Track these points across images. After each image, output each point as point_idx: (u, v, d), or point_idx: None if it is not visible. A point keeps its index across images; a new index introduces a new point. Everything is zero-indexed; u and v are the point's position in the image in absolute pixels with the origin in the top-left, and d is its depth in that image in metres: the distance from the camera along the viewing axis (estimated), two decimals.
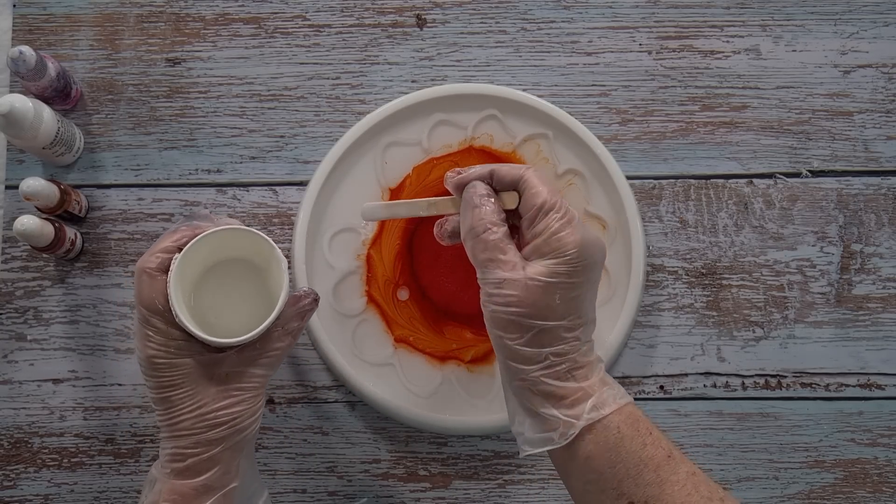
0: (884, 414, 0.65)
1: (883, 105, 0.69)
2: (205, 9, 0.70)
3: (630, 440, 0.45)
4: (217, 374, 0.49)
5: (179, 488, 0.48)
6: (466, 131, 0.66)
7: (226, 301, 0.52)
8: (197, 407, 0.48)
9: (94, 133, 0.69)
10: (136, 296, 0.48)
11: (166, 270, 0.48)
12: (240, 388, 0.49)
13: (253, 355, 0.50)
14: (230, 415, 0.48)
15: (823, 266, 0.67)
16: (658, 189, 0.68)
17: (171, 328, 0.48)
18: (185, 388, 0.48)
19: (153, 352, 0.48)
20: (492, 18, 0.70)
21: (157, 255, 0.48)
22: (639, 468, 0.45)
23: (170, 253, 0.49)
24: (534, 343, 0.46)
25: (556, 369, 0.46)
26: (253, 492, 0.53)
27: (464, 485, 0.65)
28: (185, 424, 0.48)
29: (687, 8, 0.70)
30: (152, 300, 0.48)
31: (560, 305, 0.46)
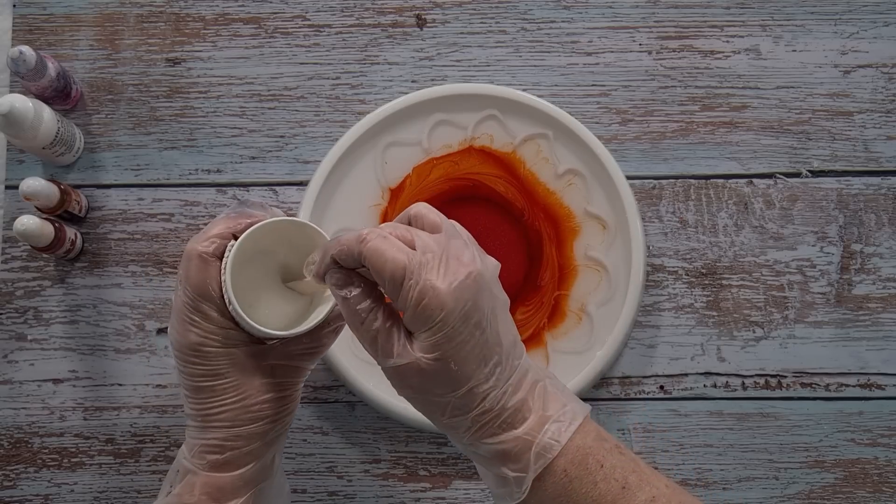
0: (884, 414, 0.65)
1: (883, 105, 0.69)
2: (205, 9, 0.70)
3: (579, 482, 0.43)
4: (262, 366, 0.47)
5: (217, 482, 0.46)
6: (466, 131, 0.66)
7: (264, 291, 0.50)
8: (241, 398, 0.46)
9: (94, 133, 0.69)
10: (184, 279, 0.46)
11: (220, 256, 0.46)
12: (283, 382, 0.48)
13: (299, 349, 0.48)
14: (274, 409, 0.47)
15: (823, 266, 0.67)
16: (658, 189, 0.68)
17: (221, 316, 0.46)
18: (229, 377, 0.46)
19: (199, 338, 0.46)
20: (492, 18, 0.70)
21: (213, 239, 0.46)
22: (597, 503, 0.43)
23: (224, 239, 0.47)
24: (455, 413, 0.44)
25: (486, 428, 0.44)
26: (281, 485, 0.52)
27: (464, 485, 0.65)
28: (226, 416, 0.46)
29: (687, 8, 0.70)
30: (205, 285, 0.46)
31: (458, 370, 0.42)
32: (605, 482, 0.43)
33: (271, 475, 0.49)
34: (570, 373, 0.63)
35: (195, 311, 0.46)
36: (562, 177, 0.66)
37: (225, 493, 0.46)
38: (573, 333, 0.65)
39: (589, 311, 0.64)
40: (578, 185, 0.66)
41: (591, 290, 0.65)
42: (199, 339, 0.46)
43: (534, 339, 0.65)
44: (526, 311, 0.65)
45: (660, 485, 0.44)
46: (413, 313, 0.42)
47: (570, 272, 0.65)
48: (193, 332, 0.46)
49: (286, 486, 0.53)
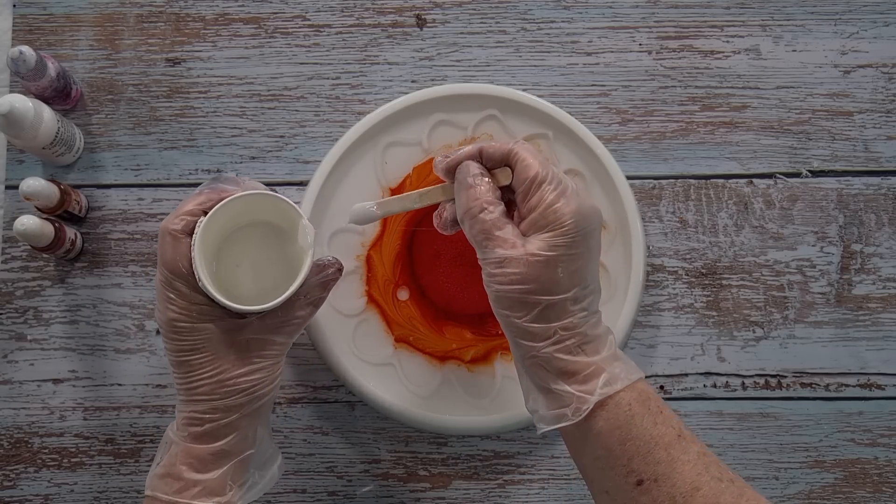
0: (884, 414, 0.65)
1: (883, 105, 0.69)
2: (205, 9, 0.70)
3: (641, 418, 0.45)
4: (238, 340, 0.48)
5: (196, 452, 0.48)
6: (466, 131, 0.66)
7: (248, 266, 0.52)
8: (217, 373, 0.48)
9: (94, 133, 0.69)
10: (159, 257, 0.47)
11: (191, 233, 0.48)
12: (260, 355, 0.49)
13: (274, 323, 0.49)
14: (250, 382, 0.48)
15: (823, 266, 0.67)
16: (658, 189, 0.68)
17: (193, 292, 0.47)
18: (205, 352, 0.48)
19: (175, 315, 0.47)
20: (492, 18, 0.70)
21: (182, 217, 0.48)
22: (649, 446, 0.44)
23: (195, 216, 0.48)
24: (541, 319, 0.46)
25: (567, 343, 0.46)
26: (268, 457, 0.53)
27: (464, 485, 0.65)
28: (203, 389, 0.48)
29: (687, 8, 0.70)
30: (176, 262, 0.47)
31: (563, 278, 0.45)
32: (664, 425, 0.45)
33: (254, 446, 0.50)
34: None
35: (170, 287, 0.47)
36: None
37: (205, 464, 0.48)
38: None
39: None
40: (578, 185, 0.66)
41: None
42: (175, 315, 0.47)
43: None
44: None
45: (705, 448, 0.46)
46: (543, 212, 0.45)
47: None
48: (170, 308, 0.47)
49: (278, 456, 0.54)
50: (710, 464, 0.44)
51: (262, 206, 0.49)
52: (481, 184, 0.47)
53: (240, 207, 0.49)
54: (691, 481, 0.43)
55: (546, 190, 0.46)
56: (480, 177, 0.48)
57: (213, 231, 0.49)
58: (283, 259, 0.52)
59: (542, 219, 0.46)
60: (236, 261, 0.51)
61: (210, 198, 0.49)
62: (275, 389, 0.50)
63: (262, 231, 0.52)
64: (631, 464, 0.44)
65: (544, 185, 0.46)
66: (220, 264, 0.51)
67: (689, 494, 0.43)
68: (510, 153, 0.47)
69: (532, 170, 0.46)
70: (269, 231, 0.52)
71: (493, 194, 0.47)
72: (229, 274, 0.51)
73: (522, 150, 0.47)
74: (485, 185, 0.48)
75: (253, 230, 0.52)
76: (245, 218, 0.51)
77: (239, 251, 0.51)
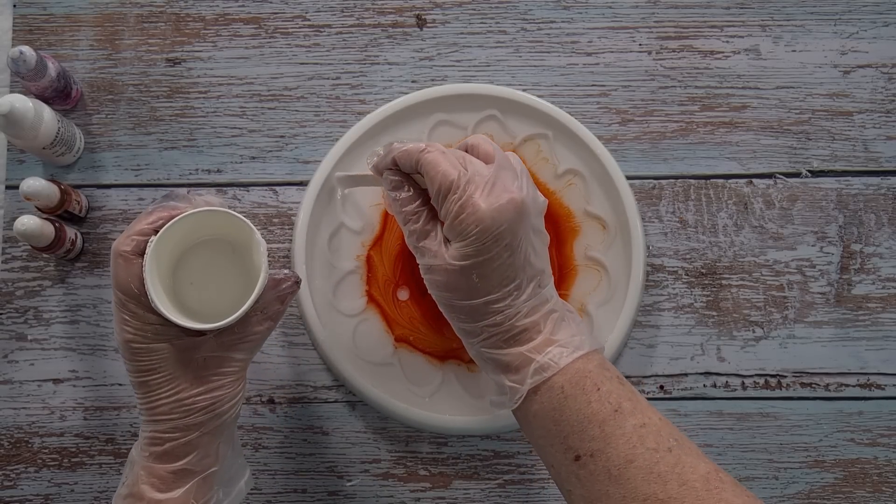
0: (884, 414, 0.65)
1: (883, 105, 0.69)
2: (205, 9, 0.70)
3: (574, 399, 0.46)
4: (195, 359, 0.48)
5: (158, 472, 0.48)
6: (466, 131, 0.66)
7: (206, 283, 0.51)
8: (174, 392, 0.48)
9: (95, 133, 0.69)
10: (112, 279, 0.47)
11: (142, 253, 0.47)
12: (218, 373, 0.49)
13: (232, 340, 0.49)
14: (208, 400, 0.48)
15: (823, 266, 0.67)
16: (658, 189, 0.68)
17: (147, 312, 0.47)
18: (162, 372, 0.48)
19: (130, 336, 0.47)
20: (492, 18, 0.70)
21: (133, 237, 0.47)
22: (583, 424, 0.46)
23: (145, 235, 0.47)
24: (469, 319, 0.48)
25: (494, 339, 0.48)
26: (234, 473, 0.53)
27: (464, 485, 0.65)
28: (162, 409, 0.48)
29: (687, 8, 0.70)
30: (128, 284, 0.47)
31: (479, 283, 0.47)
32: (598, 403, 0.46)
33: (217, 464, 0.50)
34: None
35: (123, 309, 0.47)
36: (562, 177, 0.66)
37: (167, 483, 0.48)
38: None
39: (589, 311, 0.65)
40: (578, 185, 0.66)
41: (591, 289, 0.65)
42: (130, 336, 0.47)
43: None
44: None
45: (652, 416, 0.47)
46: (451, 223, 0.47)
47: (569, 272, 0.65)
48: (125, 329, 0.47)
49: (245, 472, 0.54)
50: (647, 435, 0.45)
51: (215, 222, 0.49)
52: (401, 196, 0.50)
53: (192, 225, 0.48)
54: (625, 454, 0.45)
55: (451, 201, 0.47)
56: (399, 189, 0.50)
57: (165, 249, 0.48)
58: (240, 275, 0.51)
59: (451, 230, 0.47)
60: (192, 278, 0.51)
61: (160, 216, 0.48)
62: (237, 406, 0.50)
63: (218, 247, 0.52)
64: (567, 441, 0.46)
65: (449, 197, 0.47)
66: (177, 282, 0.51)
67: (622, 467, 0.44)
68: (418, 162, 0.48)
69: (436, 181, 0.47)
70: (224, 247, 0.52)
71: (414, 203, 0.49)
72: (186, 292, 0.51)
73: (428, 158, 0.48)
74: (405, 196, 0.49)
75: (208, 247, 0.51)
76: (200, 234, 0.51)
77: (195, 268, 0.51)
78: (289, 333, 0.66)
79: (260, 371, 0.66)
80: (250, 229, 0.48)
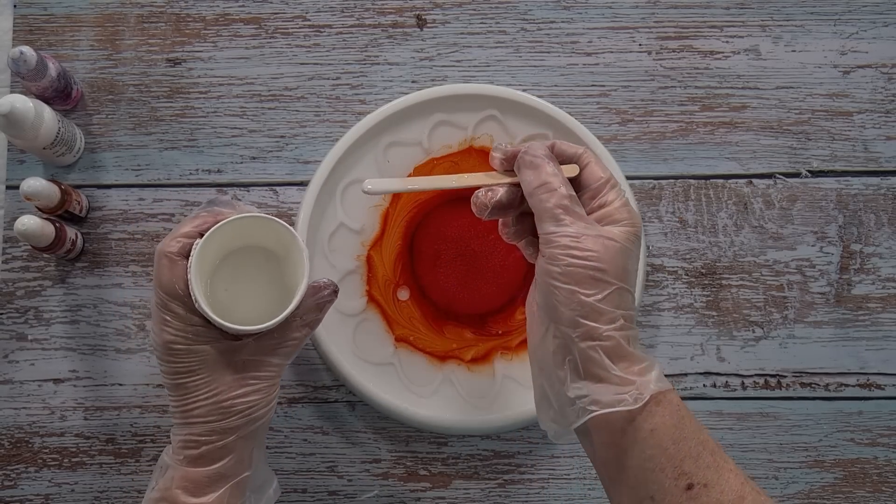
0: (883, 414, 0.65)
1: (882, 105, 0.69)
2: (205, 9, 0.70)
3: (690, 419, 0.44)
4: (234, 362, 0.48)
5: (192, 475, 0.48)
6: (466, 131, 0.66)
7: (244, 288, 0.52)
8: (213, 395, 0.48)
9: (95, 133, 0.69)
10: (155, 279, 0.47)
11: (187, 255, 0.48)
12: (256, 376, 0.49)
13: (271, 344, 0.49)
14: (246, 403, 0.48)
15: (823, 266, 0.67)
16: (658, 189, 0.68)
17: (189, 314, 0.47)
18: (201, 374, 0.47)
19: (171, 337, 0.47)
20: (492, 19, 0.70)
21: (179, 239, 0.48)
22: (699, 449, 0.43)
23: (191, 238, 0.48)
24: (610, 302, 0.44)
25: (627, 332, 0.45)
26: (264, 480, 0.53)
27: (464, 485, 0.65)
28: (199, 412, 0.48)
29: (687, 8, 0.70)
30: (172, 285, 0.47)
31: (631, 272, 0.46)
32: (706, 431, 0.44)
33: (250, 469, 0.50)
34: None
35: (166, 310, 0.47)
36: None
37: (200, 487, 0.48)
38: None
39: None
40: None
41: None
42: (171, 337, 0.47)
43: None
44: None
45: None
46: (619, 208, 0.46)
47: None
48: (166, 330, 0.47)
49: (273, 480, 0.54)
50: (746, 476, 0.43)
51: (258, 228, 0.50)
52: (555, 164, 0.47)
53: (236, 230, 0.49)
54: (737, 490, 0.42)
55: (620, 191, 0.47)
56: (555, 160, 0.48)
57: (209, 253, 0.49)
58: (280, 281, 0.52)
59: (618, 213, 0.46)
60: (233, 283, 0.52)
61: (206, 220, 0.49)
62: (271, 411, 0.50)
63: (259, 253, 0.52)
64: (682, 466, 0.42)
65: (617, 188, 0.48)
66: (217, 286, 0.51)
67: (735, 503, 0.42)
68: (582, 154, 0.48)
69: (605, 171, 0.48)
70: (265, 253, 0.52)
71: (564, 177, 0.47)
72: (226, 296, 0.51)
73: (592, 154, 0.49)
74: (558, 167, 0.48)
75: (249, 252, 0.52)
76: (241, 240, 0.51)
77: (235, 273, 0.52)
78: None
79: None
80: (292, 235, 0.48)
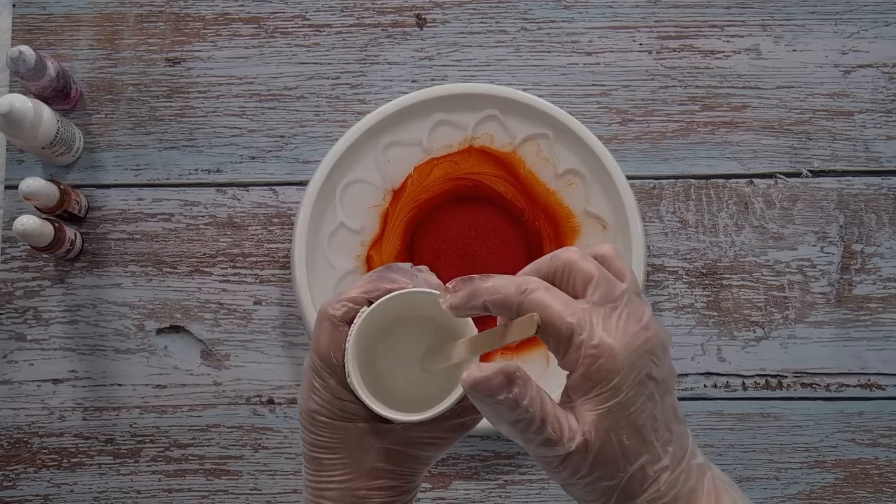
0: (884, 414, 0.65)
1: (883, 105, 0.69)
2: (205, 9, 0.70)
3: None
4: (376, 448, 0.43)
5: None
6: (466, 131, 0.66)
7: (404, 360, 0.46)
8: (348, 479, 0.43)
9: (94, 133, 0.69)
10: (313, 341, 0.43)
11: (350, 321, 0.43)
12: (397, 471, 0.44)
13: (419, 437, 0.43)
14: (381, 498, 0.43)
15: (824, 266, 0.67)
16: (658, 189, 0.68)
17: (340, 387, 0.43)
18: (339, 454, 0.43)
19: (317, 407, 0.43)
20: (492, 18, 0.70)
21: (345, 303, 0.43)
22: None
23: (358, 304, 0.43)
24: (624, 497, 0.38)
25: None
26: None
27: (464, 485, 0.65)
28: (331, 494, 0.43)
29: (687, 8, 0.70)
30: (328, 352, 0.42)
31: (631, 444, 0.37)
32: None
33: None
34: None
35: (317, 377, 0.43)
36: (562, 177, 0.66)
37: None
38: None
39: None
40: (578, 185, 0.66)
41: None
42: (317, 407, 0.43)
43: (533, 338, 0.64)
44: None
45: None
46: (584, 374, 0.37)
47: None
48: (313, 398, 0.43)
49: None
50: None
51: (429, 303, 0.43)
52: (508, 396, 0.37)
53: (406, 302, 0.43)
54: None
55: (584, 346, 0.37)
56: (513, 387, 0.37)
57: (374, 324, 0.44)
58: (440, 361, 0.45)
59: (585, 382, 0.37)
60: (392, 353, 0.46)
61: (378, 287, 0.43)
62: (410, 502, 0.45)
63: (424, 329, 0.45)
64: None
65: (576, 340, 0.37)
66: (377, 354, 0.45)
67: None
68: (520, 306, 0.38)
69: (558, 325, 0.37)
70: (431, 329, 0.45)
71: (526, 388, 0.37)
72: (384, 366, 0.46)
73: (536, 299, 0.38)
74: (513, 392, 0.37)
75: (414, 326, 0.45)
76: (411, 311, 0.45)
77: (397, 342, 0.46)
78: (289, 333, 0.66)
79: (260, 371, 0.66)
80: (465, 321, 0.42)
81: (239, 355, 0.66)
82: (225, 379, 0.66)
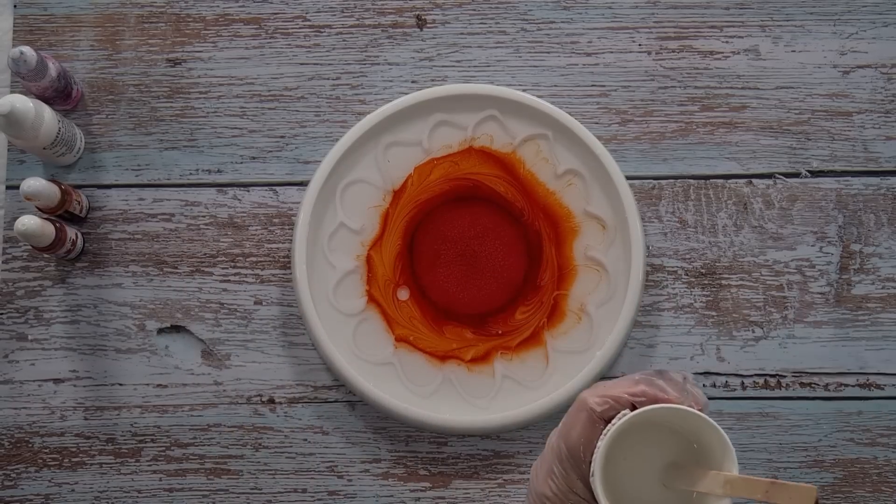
0: (883, 414, 0.65)
1: (882, 105, 0.69)
2: (205, 9, 0.70)
3: None
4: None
5: None
6: (466, 132, 0.67)
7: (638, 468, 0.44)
8: None
9: (95, 133, 0.69)
10: (565, 426, 0.43)
11: (608, 419, 0.42)
12: None
13: None
14: None
15: (823, 266, 0.67)
16: (658, 189, 0.68)
17: (578, 481, 0.42)
18: None
19: (550, 494, 0.43)
20: (492, 19, 0.70)
21: (609, 400, 0.42)
22: None
23: (620, 405, 0.42)
24: None
25: None
26: None
27: (464, 485, 0.65)
28: None
29: (686, 8, 0.70)
30: (578, 444, 0.42)
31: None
32: None
33: None
34: (570, 373, 0.63)
35: (559, 463, 0.43)
36: (561, 177, 0.66)
37: None
38: (573, 333, 0.65)
39: (588, 311, 0.65)
40: (578, 185, 0.66)
41: (591, 289, 0.65)
42: (550, 494, 0.43)
43: (533, 338, 0.65)
44: (525, 311, 0.65)
45: None
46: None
47: (569, 272, 0.65)
48: (549, 483, 0.43)
49: None
50: None
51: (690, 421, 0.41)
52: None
53: (671, 416, 0.42)
54: None
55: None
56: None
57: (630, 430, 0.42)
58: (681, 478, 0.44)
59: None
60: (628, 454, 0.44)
61: (646, 394, 0.42)
62: None
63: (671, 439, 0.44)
64: None
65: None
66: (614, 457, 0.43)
67: None
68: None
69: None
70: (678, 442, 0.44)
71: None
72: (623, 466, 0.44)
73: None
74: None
75: (661, 433, 0.44)
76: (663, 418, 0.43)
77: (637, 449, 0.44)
78: (289, 333, 0.67)
79: (260, 371, 0.66)
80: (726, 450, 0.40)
81: (240, 355, 0.66)
82: (225, 379, 0.66)
